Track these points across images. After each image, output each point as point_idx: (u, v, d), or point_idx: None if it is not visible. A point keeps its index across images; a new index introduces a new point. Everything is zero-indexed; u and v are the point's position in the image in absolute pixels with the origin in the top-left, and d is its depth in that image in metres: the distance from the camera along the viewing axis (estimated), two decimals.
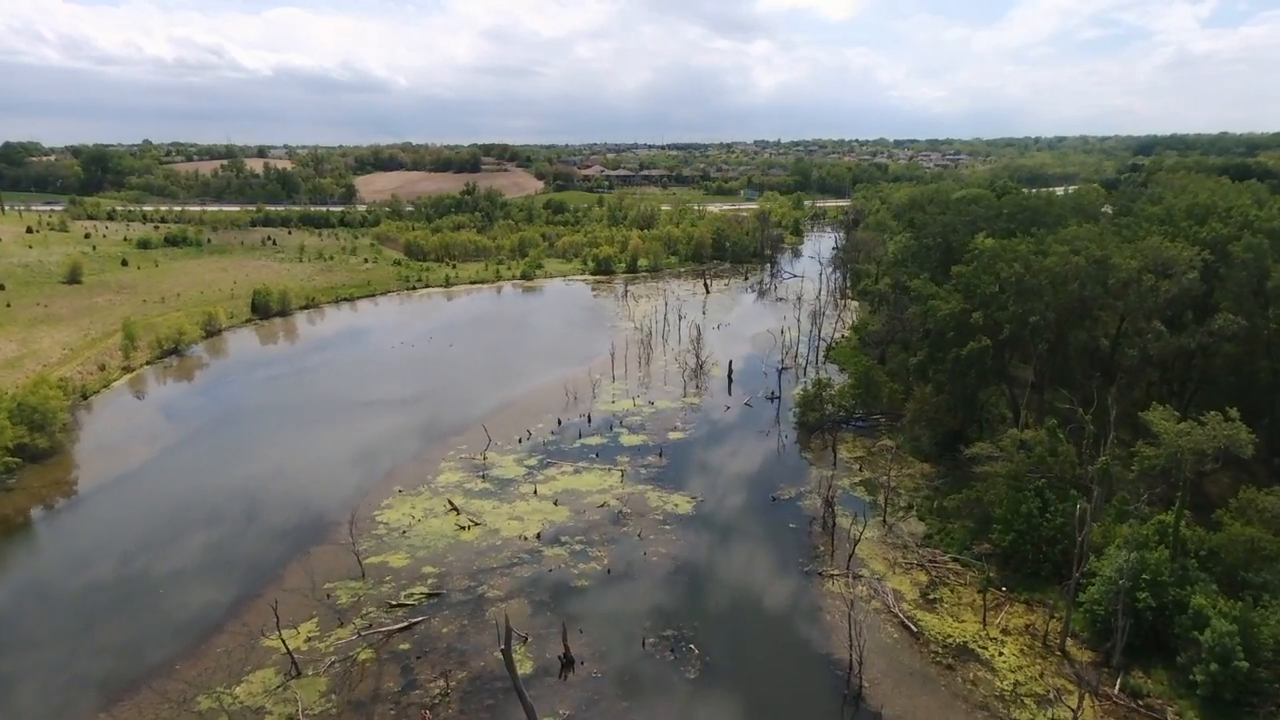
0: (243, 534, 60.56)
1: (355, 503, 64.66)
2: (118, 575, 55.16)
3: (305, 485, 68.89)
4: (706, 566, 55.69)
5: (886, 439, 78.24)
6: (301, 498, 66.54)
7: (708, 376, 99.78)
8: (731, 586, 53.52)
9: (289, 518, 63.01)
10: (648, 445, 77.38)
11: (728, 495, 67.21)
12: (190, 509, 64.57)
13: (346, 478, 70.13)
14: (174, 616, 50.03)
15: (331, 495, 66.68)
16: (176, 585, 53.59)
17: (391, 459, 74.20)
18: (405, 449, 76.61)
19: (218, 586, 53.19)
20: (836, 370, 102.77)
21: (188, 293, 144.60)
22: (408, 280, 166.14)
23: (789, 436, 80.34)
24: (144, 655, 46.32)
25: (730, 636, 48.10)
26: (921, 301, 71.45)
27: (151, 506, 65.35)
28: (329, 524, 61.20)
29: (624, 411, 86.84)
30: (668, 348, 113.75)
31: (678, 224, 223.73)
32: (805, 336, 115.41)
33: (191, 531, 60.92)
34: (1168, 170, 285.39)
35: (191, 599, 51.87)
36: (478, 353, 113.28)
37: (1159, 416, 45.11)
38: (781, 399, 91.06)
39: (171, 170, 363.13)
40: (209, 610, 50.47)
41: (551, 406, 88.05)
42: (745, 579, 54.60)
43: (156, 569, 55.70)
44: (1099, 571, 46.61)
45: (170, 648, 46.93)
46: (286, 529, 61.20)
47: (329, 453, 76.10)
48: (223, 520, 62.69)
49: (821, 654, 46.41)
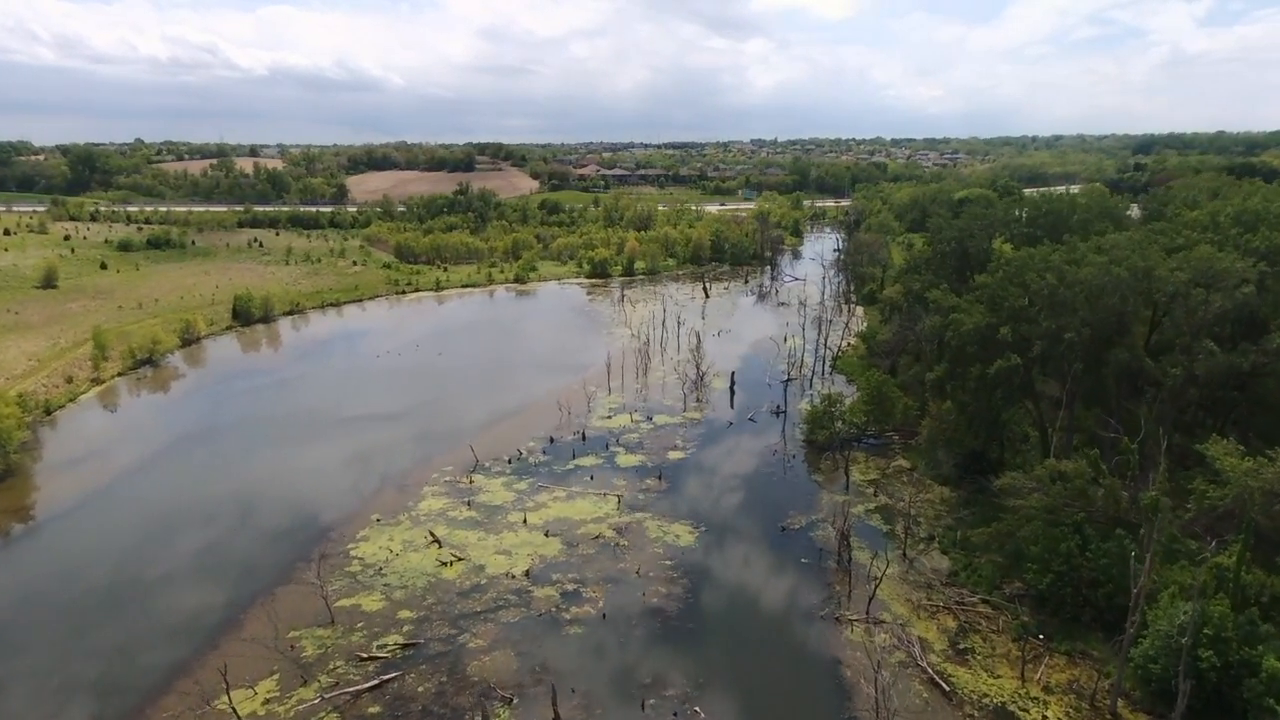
0: (202, 573, 55.18)
1: (329, 534, 59.53)
2: (60, 622, 49.75)
3: (275, 514, 63.61)
4: (711, 610, 50.52)
5: (901, 459, 73.18)
6: (270, 529, 61.29)
7: (709, 388, 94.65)
8: (740, 635, 48.39)
9: (254, 553, 57.70)
10: (646, 466, 72.20)
11: (733, 524, 62.06)
12: (149, 542, 59.27)
13: (321, 505, 64.83)
14: (116, 675, 44.72)
15: (303, 526, 61.43)
16: (123, 636, 48.26)
17: (370, 483, 68.94)
18: (385, 471, 71.31)
19: (169, 638, 47.86)
20: (844, 381, 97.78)
21: (167, 298, 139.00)
22: (397, 284, 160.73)
23: (796, 455, 75.22)
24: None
25: (740, 697, 42.94)
26: (942, 313, 66.43)
27: (106, 539, 60.02)
28: (298, 560, 55.89)
29: (620, 428, 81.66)
30: (666, 356, 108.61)
31: (675, 225, 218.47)
32: (809, 344, 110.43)
33: (147, 569, 55.59)
34: (1173, 170, 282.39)
35: (139, 654, 46.55)
36: (467, 362, 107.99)
37: (1221, 450, 40.16)
38: (787, 414, 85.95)
39: (160, 170, 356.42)
40: (156, 667, 45.18)
41: (544, 423, 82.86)
42: (755, 626, 49.47)
43: (103, 615, 50.35)
44: (1152, 623, 41.63)
45: (107, 716, 41.63)
46: (251, 566, 55.88)
47: (303, 475, 70.80)
48: (182, 556, 57.33)
49: (843, 719, 41.29)
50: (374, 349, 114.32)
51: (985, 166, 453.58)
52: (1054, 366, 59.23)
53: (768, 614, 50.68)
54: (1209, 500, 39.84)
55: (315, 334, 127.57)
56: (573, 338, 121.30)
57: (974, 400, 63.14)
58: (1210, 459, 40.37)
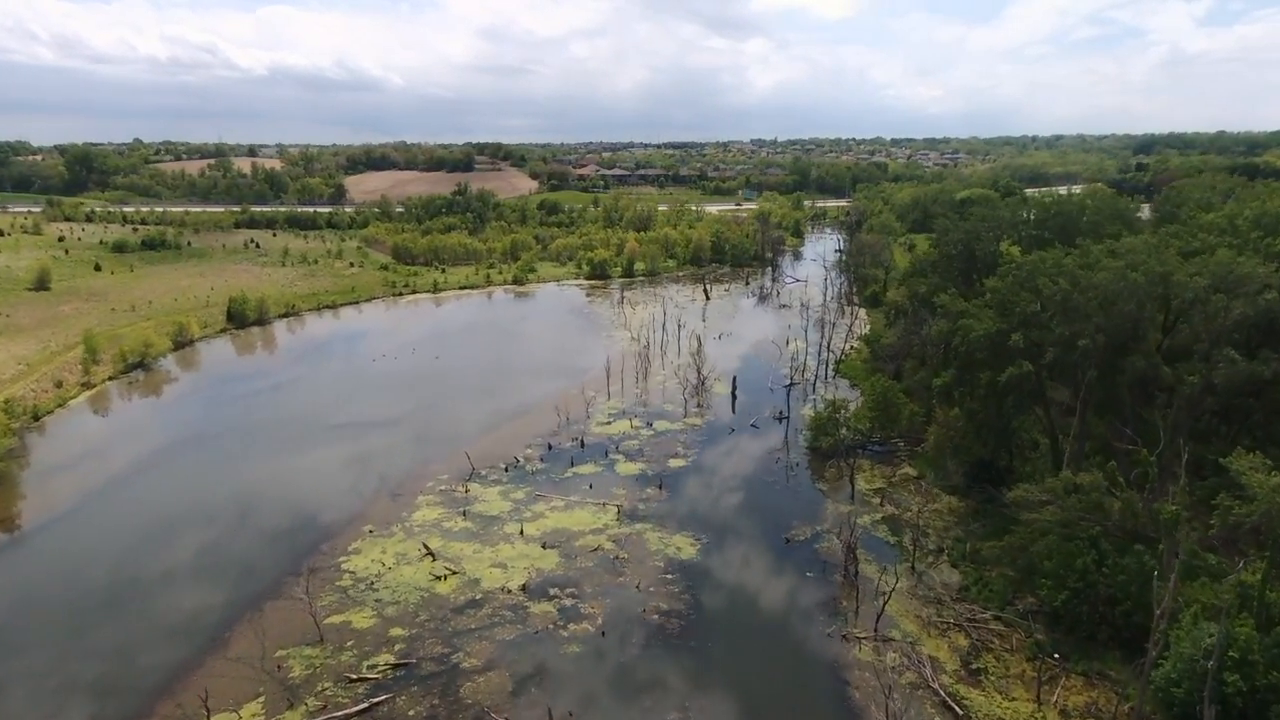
0: (190, 586, 53.45)
1: (320, 546, 57.85)
2: (43, 635, 48.06)
3: (266, 524, 61.93)
4: (714, 627, 48.83)
5: (908, 467, 71.53)
6: (260, 539, 59.61)
7: (710, 393, 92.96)
8: (744, 653, 46.69)
9: (244, 564, 56.00)
10: (646, 475, 70.50)
11: (736, 535, 60.36)
12: (135, 553, 57.58)
13: (312, 515, 63.13)
14: (96, 694, 43.03)
15: (294, 537, 59.73)
16: (109, 650, 46.60)
17: (363, 492, 67.25)
18: (379, 480, 69.61)
19: (153, 653, 46.19)
20: (847, 386, 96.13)
21: (161, 300, 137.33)
22: (394, 286, 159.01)
23: (800, 463, 73.56)
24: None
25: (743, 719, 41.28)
26: (949, 318, 64.73)
27: (94, 547, 58.34)
28: (287, 574, 54.14)
29: (620, 435, 80.00)
30: (666, 360, 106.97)
31: (675, 226, 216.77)
32: (812, 348, 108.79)
33: (134, 581, 53.89)
34: (1175, 170, 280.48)
35: (122, 670, 44.90)
36: (464, 366, 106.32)
37: (1246, 465, 38.47)
38: (790, 419, 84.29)
39: (158, 170, 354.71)
40: (139, 686, 43.47)
41: (542, 428, 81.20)
42: (760, 643, 47.79)
43: (89, 628, 48.66)
44: (1174, 644, 39.93)
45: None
46: (240, 579, 54.18)
47: (294, 484, 69.14)
48: (169, 568, 55.62)
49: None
50: (370, 352, 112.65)
51: (986, 166, 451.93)
52: (1066, 373, 57.53)
53: (772, 631, 49.00)
54: (1234, 516, 38.15)
55: (311, 337, 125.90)
56: (571, 340, 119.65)
57: (983, 407, 61.48)
58: (1234, 474, 38.66)
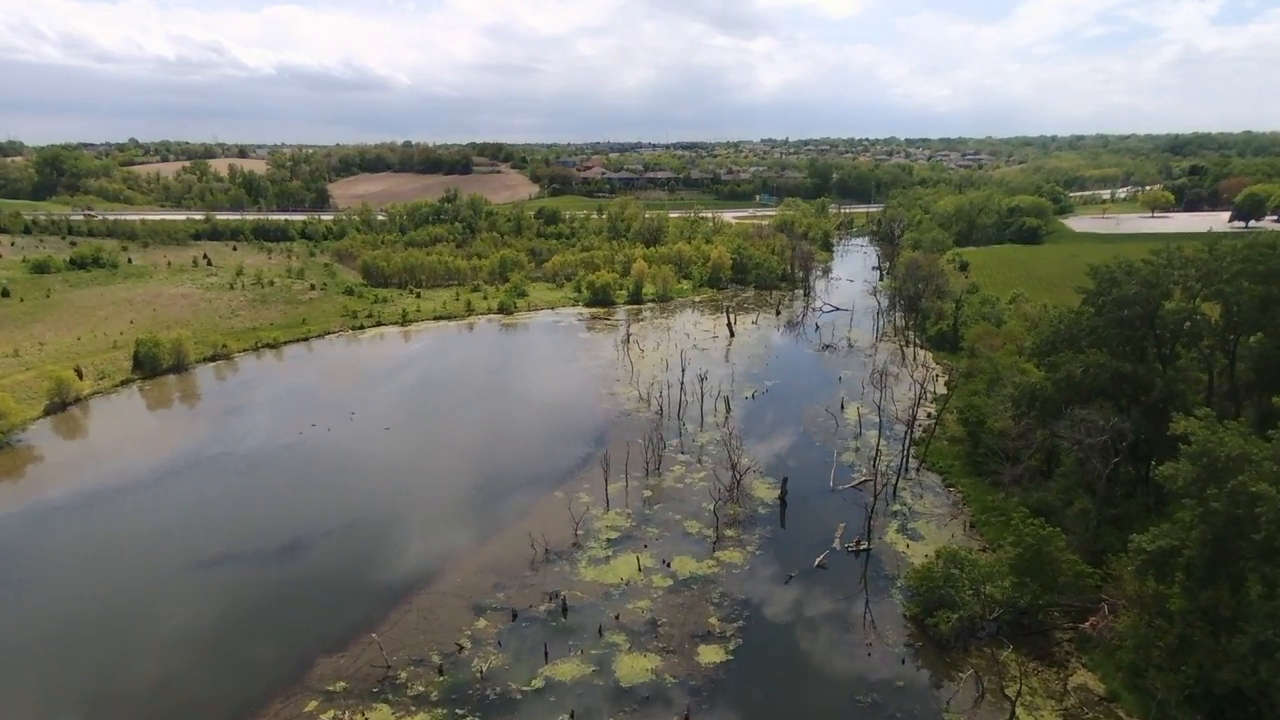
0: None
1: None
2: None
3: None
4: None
5: (1082, 669, 44.65)
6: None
7: (749, 496, 66.36)
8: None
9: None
10: (661, 683, 43.86)
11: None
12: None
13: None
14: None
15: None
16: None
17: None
18: (218, 698, 43.19)
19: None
20: (938, 483, 69.36)
21: (60, 339, 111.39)
22: (355, 317, 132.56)
23: (903, 653, 46.78)
24: None
25: None
26: (1183, 441, 38.09)
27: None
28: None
29: (621, 586, 53.41)
30: (686, 433, 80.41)
31: (689, 239, 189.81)
32: (870, 406, 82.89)
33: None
34: (1242, 176, 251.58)
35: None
36: (414, 447, 79.71)
37: None
38: (872, 553, 57.63)
39: (131, 173, 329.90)
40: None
41: (507, 568, 54.94)
42: None
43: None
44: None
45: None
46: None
47: (99, 698, 42.82)
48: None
49: None
50: (299, 417, 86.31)
51: (1015, 169, 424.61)
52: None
53: None
54: None
55: (231, 392, 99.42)
56: (561, 400, 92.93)
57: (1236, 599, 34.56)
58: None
